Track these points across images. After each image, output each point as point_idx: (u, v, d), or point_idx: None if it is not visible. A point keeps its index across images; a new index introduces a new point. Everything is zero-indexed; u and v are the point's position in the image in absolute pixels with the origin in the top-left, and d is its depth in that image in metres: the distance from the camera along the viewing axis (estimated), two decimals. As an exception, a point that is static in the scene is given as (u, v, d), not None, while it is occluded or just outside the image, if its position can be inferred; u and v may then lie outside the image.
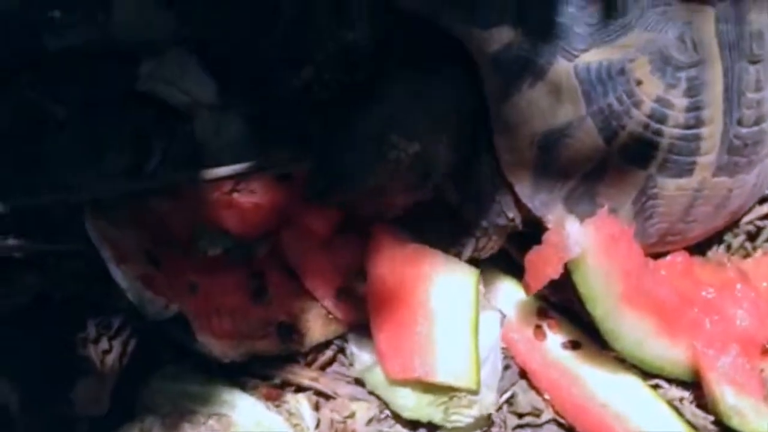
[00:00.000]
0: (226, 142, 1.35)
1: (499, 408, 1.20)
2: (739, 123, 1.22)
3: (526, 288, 1.15)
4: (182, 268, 1.20)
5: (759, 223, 1.49)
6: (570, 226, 1.09)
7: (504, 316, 1.22)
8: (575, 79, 1.15)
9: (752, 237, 1.46)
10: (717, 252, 1.42)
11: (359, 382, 1.21)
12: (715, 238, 1.40)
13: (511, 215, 1.21)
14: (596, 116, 1.15)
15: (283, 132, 1.34)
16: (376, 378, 1.18)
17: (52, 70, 1.41)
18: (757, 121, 1.24)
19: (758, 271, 1.30)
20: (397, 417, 1.18)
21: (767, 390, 1.15)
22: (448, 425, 1.14)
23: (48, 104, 1.41)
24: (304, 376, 1.20)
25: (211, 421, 1.10)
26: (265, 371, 1.20)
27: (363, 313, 1.22)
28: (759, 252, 1.42)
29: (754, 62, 1.23)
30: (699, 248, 1.39)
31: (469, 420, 1.14)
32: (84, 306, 1.20)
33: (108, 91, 1.41)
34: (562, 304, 1.27)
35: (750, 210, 1.49)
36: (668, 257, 1.26)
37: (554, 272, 1.10)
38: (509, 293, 1.28)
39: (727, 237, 1.44)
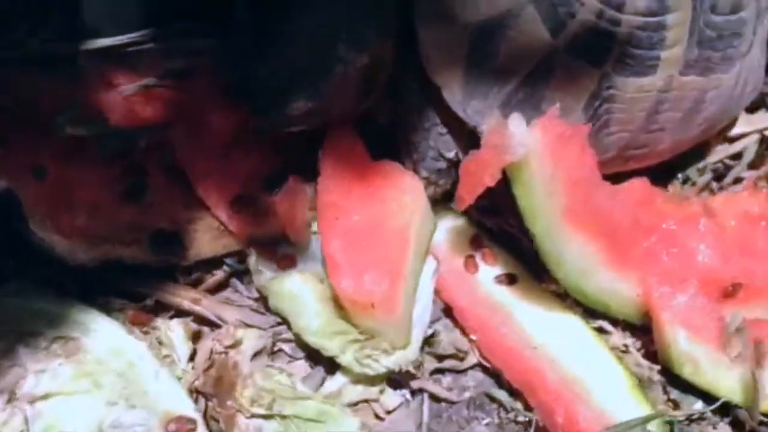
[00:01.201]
0: (119, 23, 1.12)
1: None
2: (713, 10, 1.04)
3: (459, 200, 0.97)
4: (30, 147, 1.00)
5: (728, 161, 1.33)
6: (513, 125, 0.90)
7: (439, 262, 1.06)
8: None
9: (719, 177, 1.30)
10: (681, 189, 1.25)
11: (257, 306, 1.03)
12: (679, 172, 1.25)
13: (450, 154, 1.04)
14: (541, 3, 0.97)
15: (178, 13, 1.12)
16: (284, 289, 1.00)
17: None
18: (735, 8, 1.06)
19: (727, 208, 1.14)
20: (296, 346, 1.00)
21: (726, 337, 0.97)
22: (355, 369, 0.96)
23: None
24: (184, 296, 1.01)
25: (54, 345, 0.89)
26: (136, 289, 0.99)
27: (265, 227, 1.05)
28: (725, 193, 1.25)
29: None
30: (661, 180, 1.22)
31: (381, 370, 0.96)
32: None
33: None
34: (500, 230, 1.09)
35: (716, 148, 1.33)
36: (627, 182, 1.08)
37: (491, 178, 0.92)
38: (441, 218, 1.11)
39: (692, 174, 1.27)
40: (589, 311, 1.05)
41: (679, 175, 1.27)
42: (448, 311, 1.06)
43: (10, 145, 0.97)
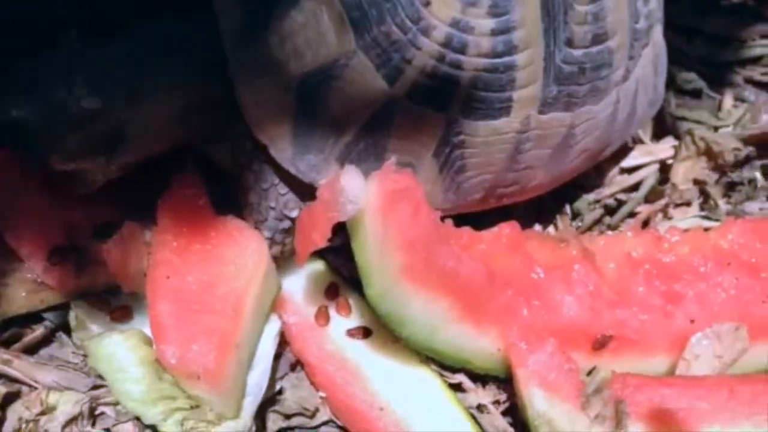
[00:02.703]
0: None
1: (262, 406, 0.93)
2: (569, 44, 0.98)
3: (297, 257, 0.89)
4: None
5: (622, 196, 1.28)
6: (346, 179, 0.82)
7: (283, 324, 0.99)
8: (339, 4, 0.89)
9: (611, 211, 1.24)
10: (569, 226, 1.19)
11: (82, 365, 0.95)
12: (569, 203, 1.21)
13: (294, 213, 0.97)
14: (370, 50, 0.90)
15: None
16: (103, 350, 0.92)
17: None
18: (597, 40, 1.00)
19: (608, 250, 1.08)
20: (123, 410, 0.91)
21: (586, 396, 0.91)
22: (175, 438, 0.89)
23: None
24: (-9, 358, 0.91)
25: None
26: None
27: (92, 278, 0.97)
28: (618, 230, 1.19)
29: None
30: (548, 217, 1.19)
31: None
32: None
33: None
34: (359, 280, 1.01)
35: (614, 179, 1.28)
36: (495, 228, 1.01)
37: (321, 238, 0.87)
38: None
39: (583, 208, 1.22)
40: (449, 366, 0.98)
41: (569, 209, 1.22)
42: (297, 365, 0.99)
43: None
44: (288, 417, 0.96)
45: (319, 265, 1.04)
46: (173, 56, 0.92)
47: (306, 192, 0.96)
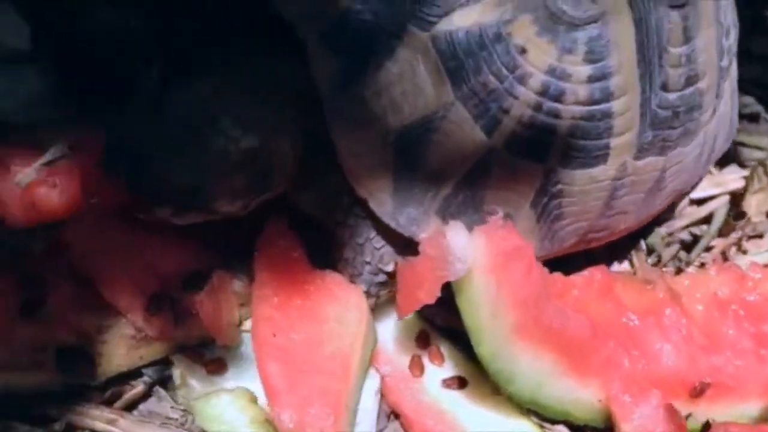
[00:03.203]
0: (21, 102, 1.01)
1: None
2: (664, 88, 0.96)
3: (398, 309, 0.87)
4: None
5: (695, 230, 1.26)
6: (453, 235, 0.80)
7: (382, 378, 0.98)
8: (435, 54, 0.88)
9: (687, 247, 1.22)
10: (645, 264, 1.17)
11: (184, 420, 0.94)
12: (643, 239, 1.19)
13: (389, 267, 0.96)
14: (468, 100, 0.89)
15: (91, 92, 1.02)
16: (212, 411, 0.90)
17: None
18: (690, 81, 0.98)
19: (693, 290, 1.07)
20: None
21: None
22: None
23: None
24: (99, 417, 0.92)
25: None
26: (45, 412, 0.90)
27: (188, 330, 0.96)
28: (693, 267, 1.17)
29: (677, 6, 0.96)
30: (622, 253, 1.16)
31: None
32: None
33: None
34: (449, 327, 0.99)
35: (683, 211, 1.25)
36: (585, 272, 1.00)
37: (429, 296, 0.85)
38: (386, 310, 1.01)
39: (657, 245, 1.20)
40: (548, 418, 0.97)
41: (644, 244, 1.20)
42: (395, 415, 0.98)
43: None
44: (388, 471, 0.96)
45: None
46: (281, 94, 0.91)
47: (402, 245, 0.95)
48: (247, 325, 1.01)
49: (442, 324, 1.01)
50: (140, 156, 0.86)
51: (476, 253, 0.83)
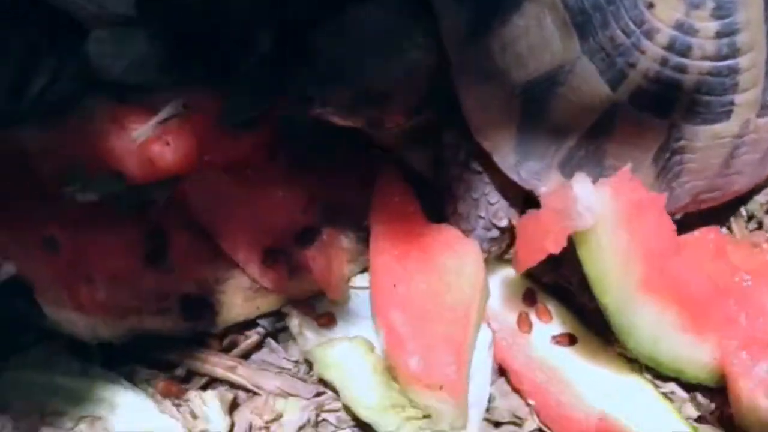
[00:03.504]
0: (130, 65, 1.02)
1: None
2: None
3: (517, 263, 0.89)
4: (37, 219, 0.90)
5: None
6: (579, 188, 0.79)
7: (494, 332, 0.97)
8: (563, 8, 0.87)
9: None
10: (746, 229, 1.14)
11: (296, 371, 0.94)
12: (741, 212, 1.13)
13: (503, 223, 0.96)
14: (595, 54, 0.89)
15: (198, 55, 1.03)
16: (332, 358, 0.91)
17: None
18: None
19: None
20: (341, 417, 0.91)
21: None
22: (411, 447, 0.89)
23: None
24: (218, 364, 0.93)
25: (80, 426, 0.82)
26: (166, 357, 0.92)
27: (301, 284, 0.96)
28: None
29: None
30: (720, 219, 1.12)
31: None
32: None
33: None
34: (558, 285, 0.98)
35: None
36: (696, 233, 0.98)
37: (555, 246, 0.84)
38: (492, 268, 1.00)
39: (758, 213, 1.17)
40: (659, 375, 0.96)
41: (744, 211, 1.17)
42: (503, 372, 0.97)
43: (11, 213, 0.88)
44: (497, 425, 0.95)
45: (512, 272, 1.02)
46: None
47: (517, 200, 0.95)
48: (356, 281, 1.02)
49: (549, 282, 1.00)
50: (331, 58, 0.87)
51: (603, 204, 0.82)
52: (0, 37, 1.07)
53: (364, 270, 1.01)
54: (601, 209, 0.82)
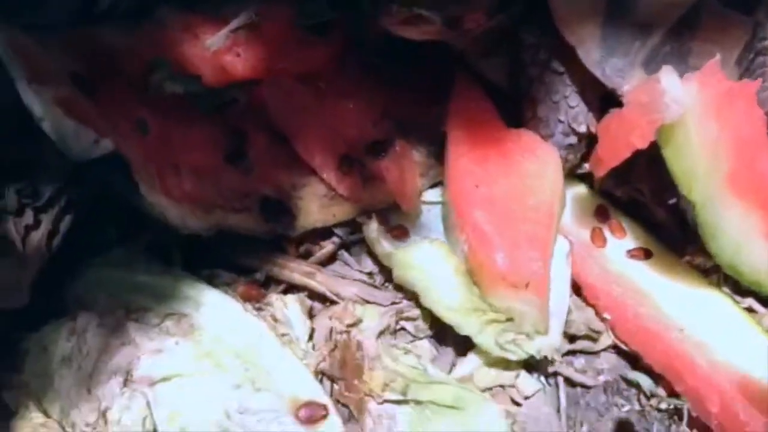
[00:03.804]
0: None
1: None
2: None
3: (598, 164, 0.87)
4: (128, 100, 0.90)
5: None
6: (666, 80, 0.78)
7: (572, 243, 0.95)
8: None
9: None
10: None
11: (371, 281, 0.93)
12: None
13: (582, 128, 0.94)
14: None
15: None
16: (412, 260, 0.89)
17: None
18: None
19: None
20: (419, 325, 0.91)
21: None
22: (494, 352, 0.86)
23: None
24: (297, 270, 0.93)
25: (167, 323, 0.82)
26: (245, 261, 0.91)
27: (375, 193, 0.96)
28: None
29: None
30: None
31: (523, 356, 0.86)
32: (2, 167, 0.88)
33: None
34: (629, 199, 0.97)
35: None
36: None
37: (642, 140, 0.83)
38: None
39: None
40: (737, 289, 0.94)
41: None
42: (576, 287, 0.96)
43: (102, 96, 0.87)
44: (573, 339, 0.94)
45: (583, 189, 1.01)
46: None
47: (594, 104, 0.93)
48: (426, 195, 1.01)
49: (622, 195, 0.98)
50: None
51: (691, 96, 0.80)
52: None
53: (434, 185, 1.01)
54: (689, 101, 0.79)
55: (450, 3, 0.87)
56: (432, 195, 1.00)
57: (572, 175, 1.00)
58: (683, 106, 0.80)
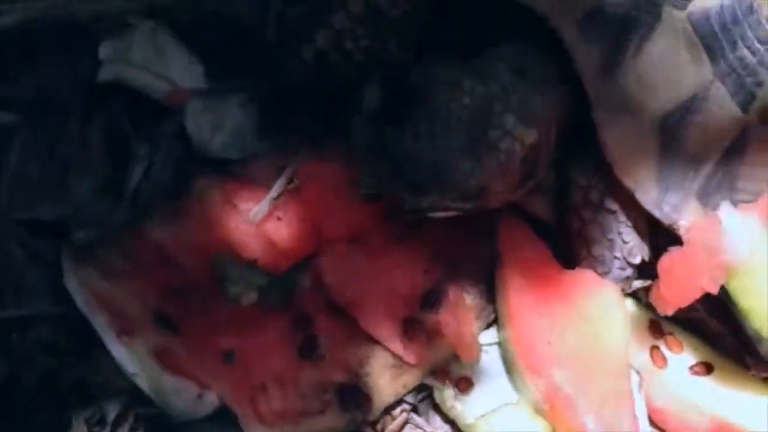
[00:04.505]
0: (229, 136, 1.00)
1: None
2: None
3: (664, 304, 0.88)
4: (209, 329, 0.87)
5: None
6: (727, 217, 0.78)
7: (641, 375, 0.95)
8: (692, 33, 0.88)
9: None
10: None
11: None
12: None
13: (637, 260, 0.95)
14: (726, 77, 0.89)
15: (295, 117, 1.02)
16: (499, 428, 0.88)
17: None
18: None
19: None
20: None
21: None
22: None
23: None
24: (380, 451, 0.88)
25: None
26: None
27: (438, 350, 0.94)
28: None
29: None
30: None
31: None
32: (64, 390, 0.84)
33: (64, 85, 1.05)
34: (683, 314, 0.97)
35: None
36: None
37: (713, 285, 0.83)
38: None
39: None
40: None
41: None
42: (641, 413, 0.96)
43: (184, 331, 0.84)
44: (653, 468, 0.94)
45: (631, 306, 1.01)
46: (550, 82, 0.90)
47: (646, 236, 0.94)
48: (482, 338, 1.00)
49: (678, 313, 0.99)
50: (422, 161, 0.83)
51: (754, 231, 0.82)
52: (80, 134, 1.04)
53: (488, 326, 1.00)
54: (753, 237, 0.81)
55: (466, 204, 0.86)
56: (486, 337, 0.98)
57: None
58: (749, 245, 0.81)
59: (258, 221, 0.94)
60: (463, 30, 0.95)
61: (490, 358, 0.97)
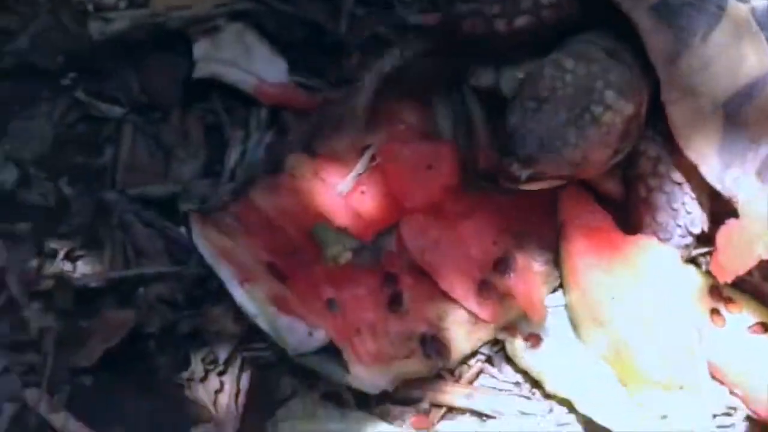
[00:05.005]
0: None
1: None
2: None
3: (722, 272, 0.96)
4: (312, 281, 0.99)
5: None
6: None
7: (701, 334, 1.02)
8: (755, 24, 0.96)
9: None
10: None
11: (519, 391, 1.00)
12: None
13: (698, 230, 1.03)
14: None
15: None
16: (565, 371, 0.96)
17: (99, 65, 1.17)
18: None
19: None
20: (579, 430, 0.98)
21: None
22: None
23: (101, 105, 1.17)
24: (457, 393, 0.99)
25: (358, 466, 0.86)
26: (408, 394, 1.00)
27: (509, 310, 1.03)
28: None
29: None
30: None
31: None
32: (181, 337, 0.98)
33: (165, 82, 1.18)
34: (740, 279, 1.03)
35: None
36: None
37: (767, 252, 0.88)
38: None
39: None
40: None
41: None
42: (702, 367, 1.02)
43: (294, 282, 0.95)
44: (712, 416, 0.99)
45: (693, 271, 1.06)
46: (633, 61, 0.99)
47: (707, 207, 1.01)
48: (549, 301, 1.07)
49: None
50: (530, 132, 0.94)
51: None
52: (181, 124, 1.16)
53: (554, 290, 1.07)
54: None
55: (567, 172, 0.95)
56: (553, 300, 1.06)
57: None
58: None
59: (345, 194, 1.05)
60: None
61: (557, 319, 1.05)
